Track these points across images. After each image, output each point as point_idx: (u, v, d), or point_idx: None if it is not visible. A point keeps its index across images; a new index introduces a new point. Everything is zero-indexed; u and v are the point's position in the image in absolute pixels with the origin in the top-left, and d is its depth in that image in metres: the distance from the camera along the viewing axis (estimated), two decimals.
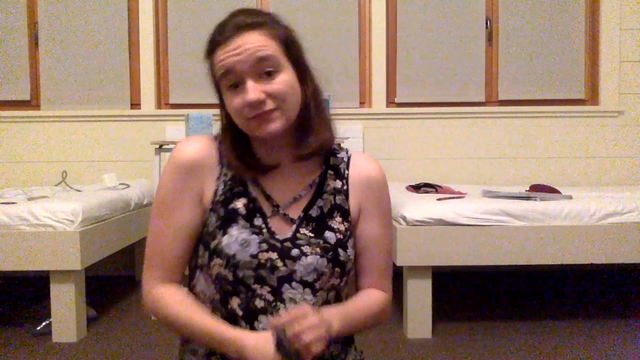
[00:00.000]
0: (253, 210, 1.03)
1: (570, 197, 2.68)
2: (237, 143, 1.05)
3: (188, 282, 1.08)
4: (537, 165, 3.70)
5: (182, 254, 1.04)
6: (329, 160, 1.11)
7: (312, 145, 1.04)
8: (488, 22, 3.71)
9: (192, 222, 1.03)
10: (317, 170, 1.09)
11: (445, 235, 2.45)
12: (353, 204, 1.09)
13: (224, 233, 0.99)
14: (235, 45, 0.96)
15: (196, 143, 1.05)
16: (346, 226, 1.06)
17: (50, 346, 2.41)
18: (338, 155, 1.12)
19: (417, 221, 2.44)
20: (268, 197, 1.05)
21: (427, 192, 2.99)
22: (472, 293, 3.28)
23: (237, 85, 0.98)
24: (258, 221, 1.02)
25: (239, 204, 1.02)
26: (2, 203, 2.55)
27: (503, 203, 2.52)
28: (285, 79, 0.98)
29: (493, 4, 3.72)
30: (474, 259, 2.47)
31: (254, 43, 0.96)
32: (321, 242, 1.02)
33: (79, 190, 3.08)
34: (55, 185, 3.29)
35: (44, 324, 2.55)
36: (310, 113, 1.04)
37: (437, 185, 3.07)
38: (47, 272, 2.44)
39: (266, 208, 1.04)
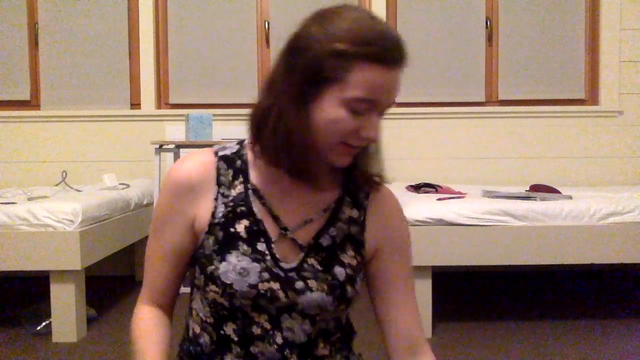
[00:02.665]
0: (257, 233, 0.95)
1: (570, 197, 2.68)
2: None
3: (189, 296, 1.06)
4: (537, 165, 3.70)
5: (171, 277, 1.01)
6: (347, 185, 1.02)
7: (358, 175, 0.99)
8: (488, 22, 3.71)
9: (182, 245, 0.99)
10: (334, 195, 1.00)
11: (445, 235, 2.44)
12: (370, 239, 1.01)
13: (222, 259, 0.93)
14: (394, 81, 0.89)
15: (191, 162, 0.98)
16: (358, 260, 0.99)
17: (50, 346, 2.41)
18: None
19: (417, 221, 2.44)
20: (276, 218, 0.96)
21: (427, 192, 2.99)
22: (472, 293, 3.28)
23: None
24: (261, 246, 0.94)
25: (241, 226, 0.95)
26: (2, 203, 2.55)
27: (503, 203, 2.52)
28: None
29: (493, 4, 3.72)
30: (474, 259, 2.47)
31: (399, 87, 0.91)
32: (329, 278, 0.95)
33: (79, 190, 3.08)
34: (55, 185, 3.29)
35: (44, 324, 2.55)
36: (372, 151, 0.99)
37: (437, 185, 3.07)
38: (47, 272, 2.44)
39: (272, 230, 0.96)
